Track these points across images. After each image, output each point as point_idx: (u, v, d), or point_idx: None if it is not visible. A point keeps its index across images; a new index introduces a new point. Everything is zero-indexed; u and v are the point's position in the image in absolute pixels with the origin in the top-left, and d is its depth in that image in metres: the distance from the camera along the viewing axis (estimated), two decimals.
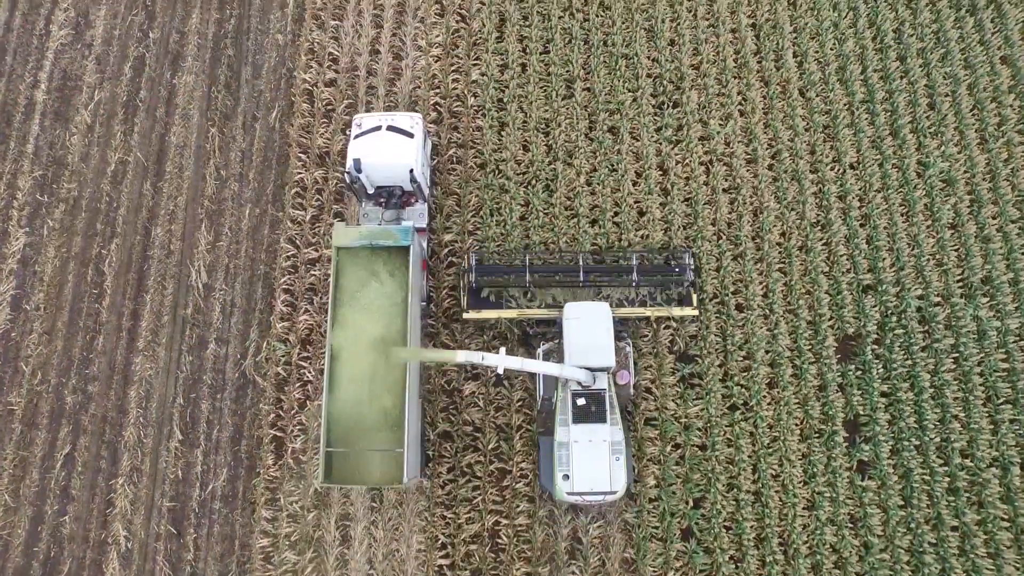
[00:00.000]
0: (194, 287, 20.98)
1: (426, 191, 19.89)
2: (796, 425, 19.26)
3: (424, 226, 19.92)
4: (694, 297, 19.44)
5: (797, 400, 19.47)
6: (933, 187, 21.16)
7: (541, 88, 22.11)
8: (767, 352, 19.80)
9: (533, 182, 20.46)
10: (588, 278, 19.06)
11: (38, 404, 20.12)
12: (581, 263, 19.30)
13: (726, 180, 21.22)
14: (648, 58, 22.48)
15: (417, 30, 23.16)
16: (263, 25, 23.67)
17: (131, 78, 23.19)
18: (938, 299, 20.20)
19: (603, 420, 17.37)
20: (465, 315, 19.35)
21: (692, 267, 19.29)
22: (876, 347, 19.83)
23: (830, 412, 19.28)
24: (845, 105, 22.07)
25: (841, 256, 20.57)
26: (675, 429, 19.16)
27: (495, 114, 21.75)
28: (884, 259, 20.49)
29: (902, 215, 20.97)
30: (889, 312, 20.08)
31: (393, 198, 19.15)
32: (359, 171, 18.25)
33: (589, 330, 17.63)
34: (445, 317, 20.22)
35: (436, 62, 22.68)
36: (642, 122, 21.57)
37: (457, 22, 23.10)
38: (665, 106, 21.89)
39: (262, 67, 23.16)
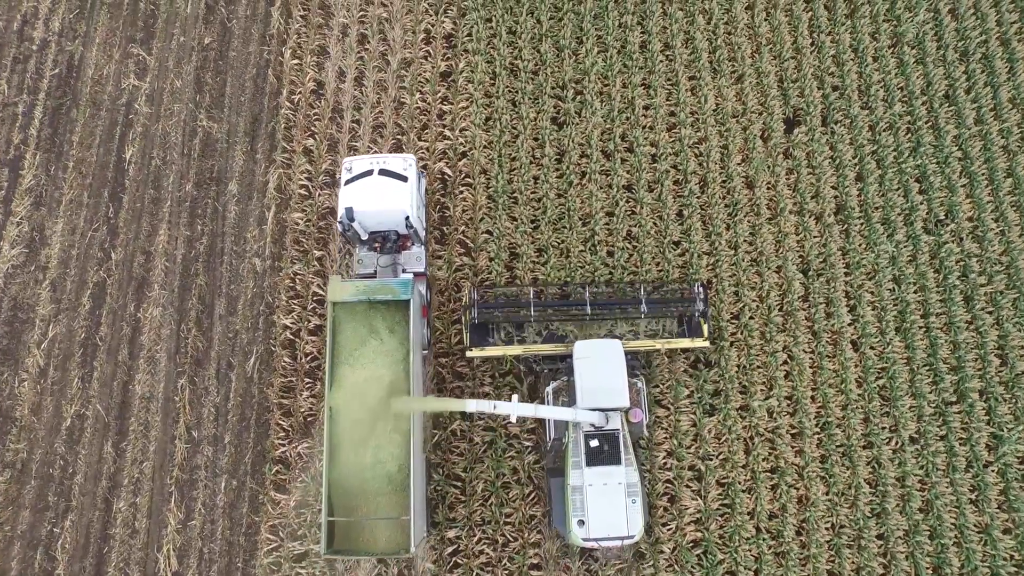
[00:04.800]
0: None
1: (422, 234, 20.52)
2: None
3: (422, 270, 20.46)
4: (705, 328, 19.74)
5: None
6: (1008, 467, 20.01)
7: None
8: None
9: None
10: (595, 311, 19.69)
11: None
12: (588, 296, 19.95)
13: (766, 461, 20.10)
14: None
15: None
16: (238, 246, 22.61)
17: (90, 310, 22.21)
18: None
19: (617, 461, 18.06)
20: (468, 353, 19.85)
21: (702, 297, 19.72)
22: None
23: None
24: (904, 362, 20.95)
25: (899, 555, 19.52)
26: None
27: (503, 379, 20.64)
28: (951, 561, 19.40)
29: (971, 504, 19.93)
30: None
31: (388, 243, 19.69)
32: (351, 219, 18.73)
33: (601, 370, 18.14)
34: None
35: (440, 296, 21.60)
36: (675, 391, 20.38)
37: (460, 255, 21.95)
38: (699, 366, 20.78)
39: (238, 300, 22.14)
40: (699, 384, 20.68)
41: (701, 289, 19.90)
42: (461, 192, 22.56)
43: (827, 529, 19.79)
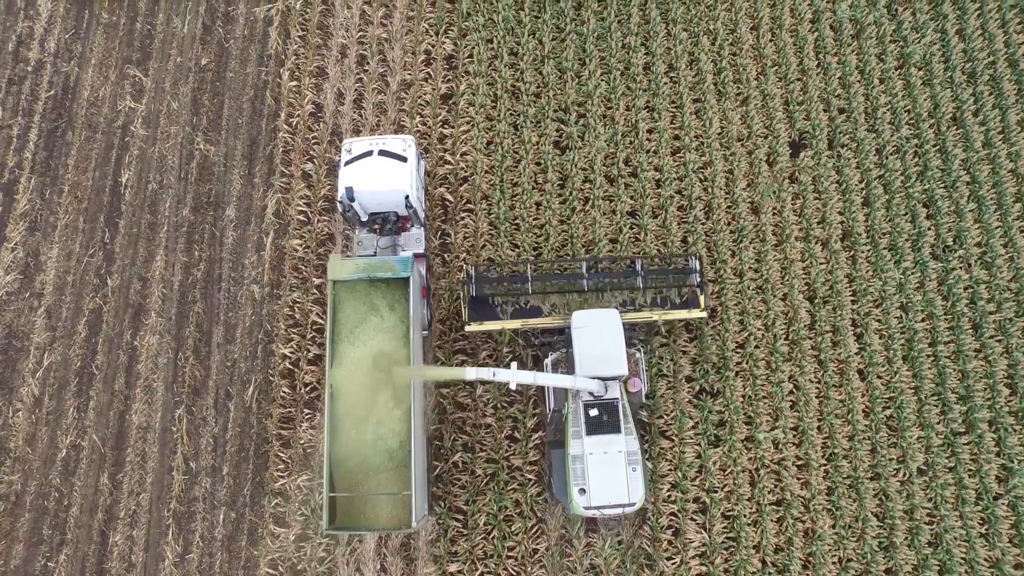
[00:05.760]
0: None
1: (422, 215, 21.06)
2: None
3: (422, 251, 21.03)
4: (701, 299, 20.16)
5: None
6: (1019, 500, 19.99)
7: None
8: None
9: None
10: (591, 284, 20.25)
11: None
12: (584, 269, 20.46)
13: (772, 494, 20.06)
14: (684, 329, 21.31)
15: None
16: (236, 273, 22.58)
17: (86, 338, 22.18)
18: None
19: (617, 430, 18.39)
20: (467, 328, 20.26)
21: (697, 268, 20.17)
22: None
23: None
24: (912, 391, 20.92)
25: None
26: None
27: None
28: None
29: (982, 538, 19.92)
30: None
31: (388, 224, 20.09)
32: (351, 199, 19.22)
33: (599, 339, 18.52)
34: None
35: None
36: (680, 422, 20.34)
37: (462, 284, 21.87)
38: (704, 396, 20.75)
39: (236, 328, 22.11)
40: (703, 415, 20.63)
41: (697, 261, 20.28)
42: (463, 219, 22.51)
43: (834, 563, 19.73)
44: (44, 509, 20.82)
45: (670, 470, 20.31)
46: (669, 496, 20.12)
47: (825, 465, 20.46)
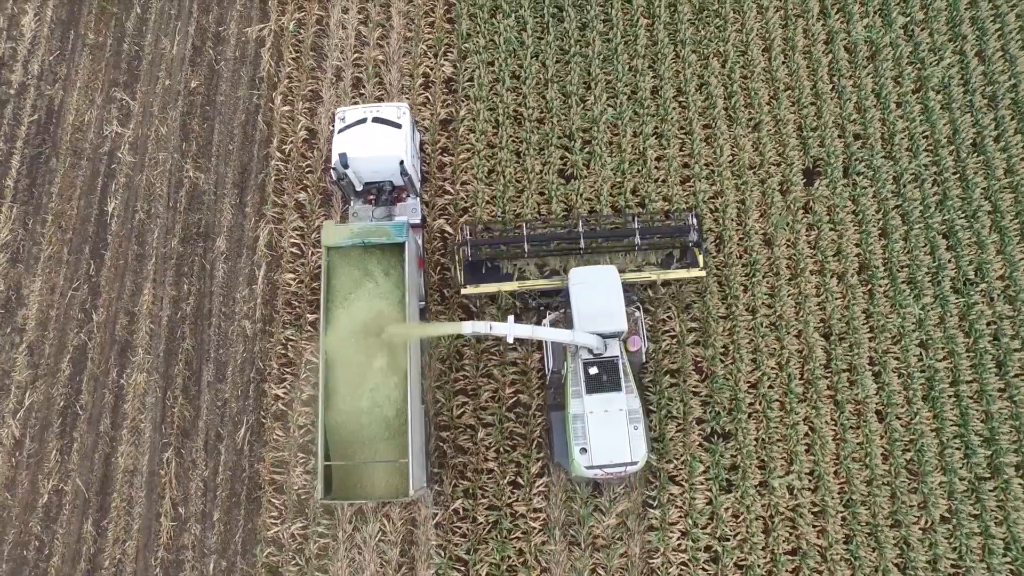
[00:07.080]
0: None
1: (417, 184, 20.99)
2: None
3: (418, 222, 20.89)
4: (700, 258, 20.21)
5: None
6: None
7: None
8: None
9: None
10: (588, 244, 20.12)
11: None
12: (581, 229, 20.22)
13: (787, 542, 19.47)
14: (694, 369, 20.67)
15: None
16: (227, 308, 21.97)
17: (70, 376, 21.61)
18: None
19: (618, 388, 18.26)
20: (463, 290, 20.38)
21: (695, 227, 20.00)
22: None
23: None
24: (933, 433, 20.32)
25: None
26: None
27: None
28: None
29: None
30: None
31: (383, 194, 20.37)
32: (346, 166, 19.21)
33: (597, 295, 18.50)
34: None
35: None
36: (690, 466, 19.74)
37: (463, 319, 21.26)
38: (715, 439, 20.15)
39: (227, 366, 21.51)
40: (715, 459, 20.03)
41: (694, 219, 20.06)
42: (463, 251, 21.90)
43: None
44: (23, 559, 20.20)
45: (680, 517, 19.72)
46: (679, 544, 19.52)
47: (842, 512, 19.86)
